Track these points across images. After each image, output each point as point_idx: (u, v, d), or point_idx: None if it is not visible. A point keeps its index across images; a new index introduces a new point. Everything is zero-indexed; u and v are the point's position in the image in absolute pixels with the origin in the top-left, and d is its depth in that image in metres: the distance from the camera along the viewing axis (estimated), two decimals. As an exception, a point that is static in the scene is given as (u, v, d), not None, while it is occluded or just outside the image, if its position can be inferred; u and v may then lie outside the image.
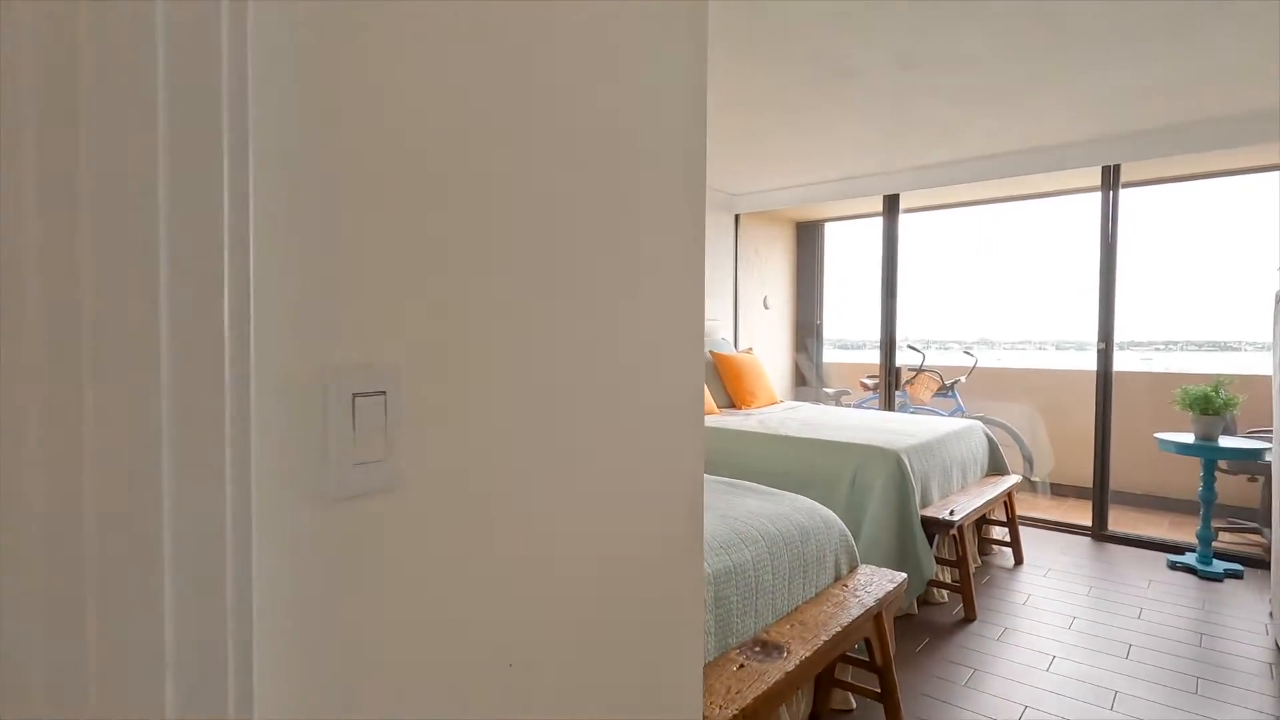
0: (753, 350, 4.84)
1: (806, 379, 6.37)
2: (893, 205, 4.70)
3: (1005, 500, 3.43)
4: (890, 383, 4.71)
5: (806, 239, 6.60)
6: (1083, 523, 3.98)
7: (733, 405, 4.25)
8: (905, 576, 2.05)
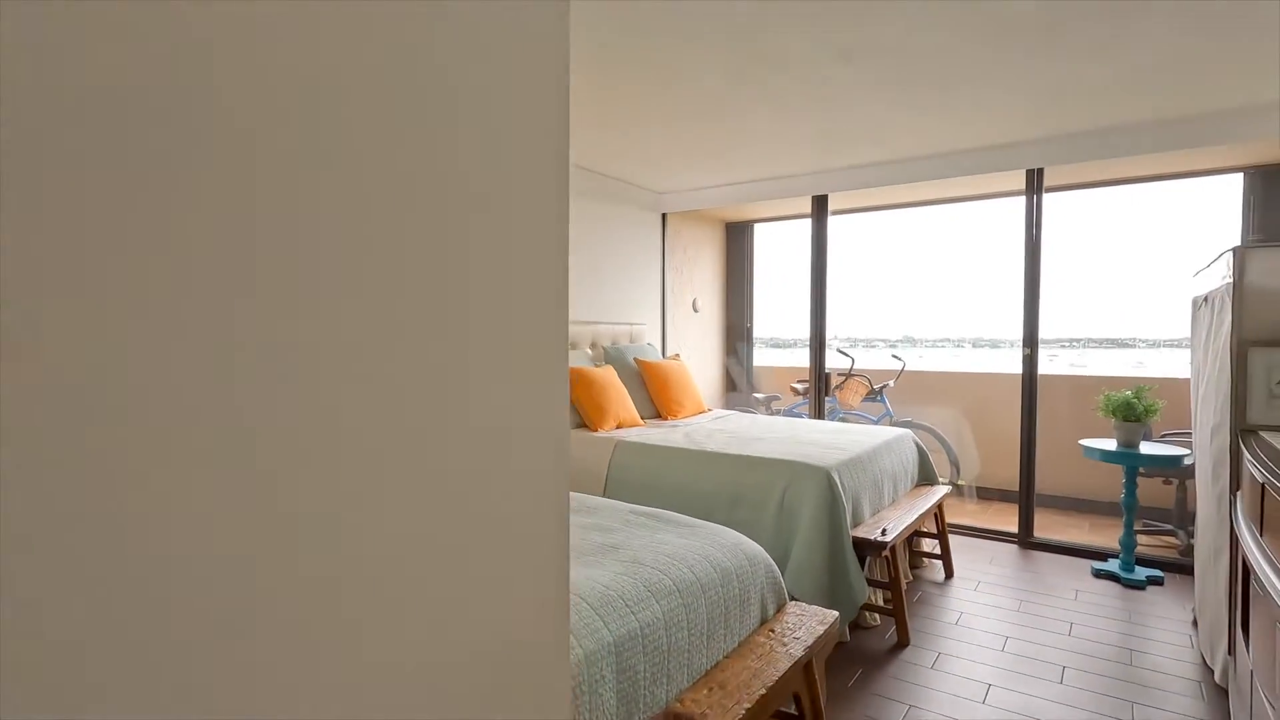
0: (680, 356, 4.63)
1: (737, 384, 6.22)
2: (821, 207, 4.58)
3: (936, 512, 3.33)
4: (820, 388, 4.59)
5: (736, 240, 6.45)
6: (1009, 529, 3.95)
7: (658, 415, 4.02)
8: (837, 616, 1.86)
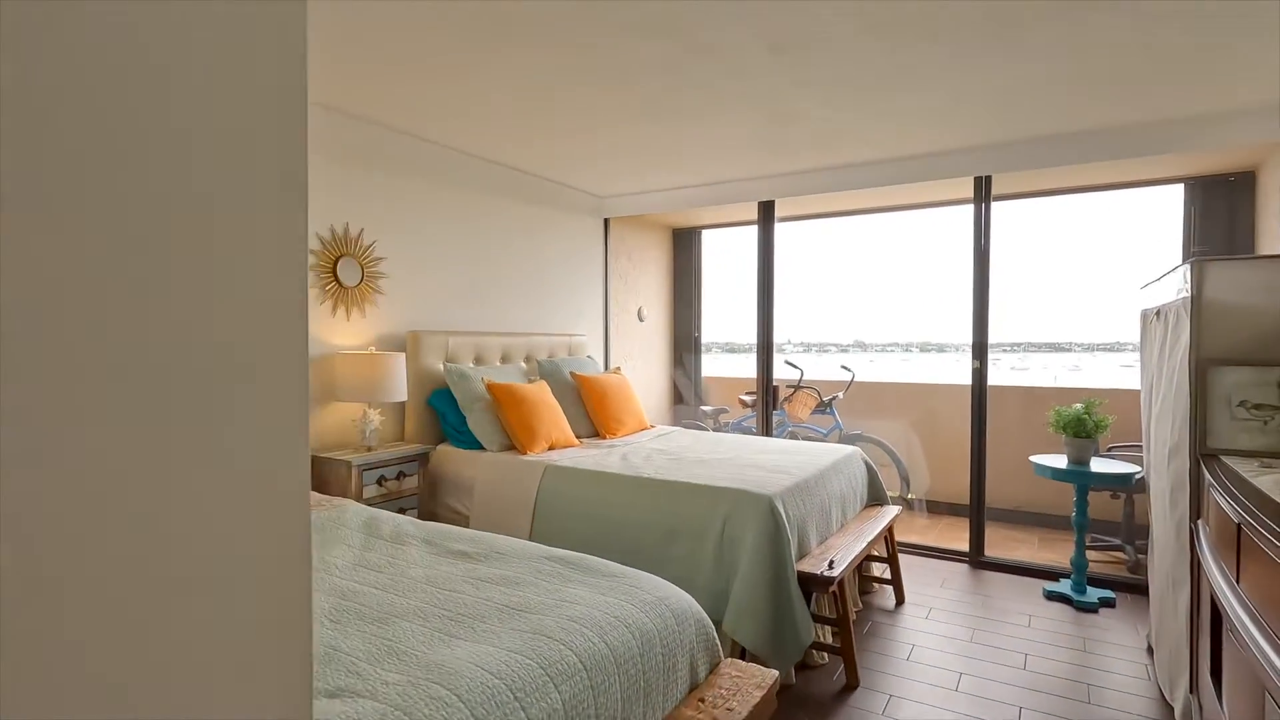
0: (621, 370, 4.39)
1: (684, 397, 6.02)
2: (768, 213, 4.41)
3: (886, 535, 3.16)
4: (768, 402, 4.41)
5: (684, 246, 6.26)
6: (960, 548, 3.82)
7: (597, 434, 3.77)
8: (777, 676, 1.65)
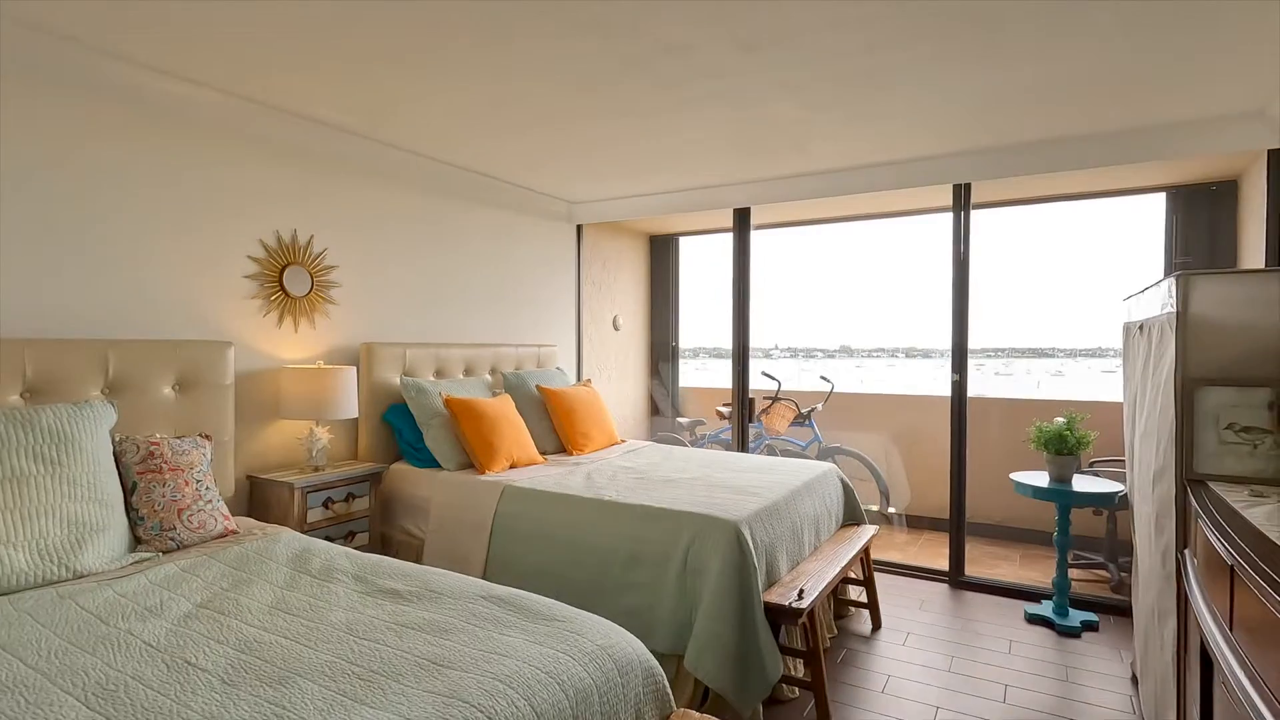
0: (591, 382, 4.24)
1: (660, 408, 5.87)
2: (743, 220, 4.29)
3: (862, 557, 3.03)
4: (743, 415, 4.27)
5: (661, 254, 6.12)
6: (940, 567, 3.70)
7: (564, 450, 3.61)
8: (732, 731, 1.50)
